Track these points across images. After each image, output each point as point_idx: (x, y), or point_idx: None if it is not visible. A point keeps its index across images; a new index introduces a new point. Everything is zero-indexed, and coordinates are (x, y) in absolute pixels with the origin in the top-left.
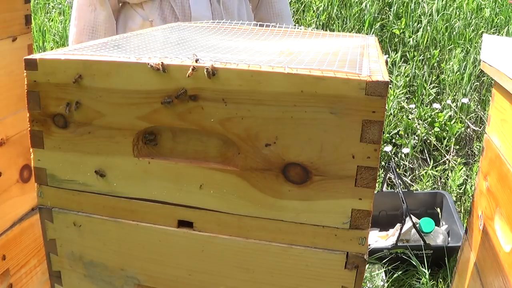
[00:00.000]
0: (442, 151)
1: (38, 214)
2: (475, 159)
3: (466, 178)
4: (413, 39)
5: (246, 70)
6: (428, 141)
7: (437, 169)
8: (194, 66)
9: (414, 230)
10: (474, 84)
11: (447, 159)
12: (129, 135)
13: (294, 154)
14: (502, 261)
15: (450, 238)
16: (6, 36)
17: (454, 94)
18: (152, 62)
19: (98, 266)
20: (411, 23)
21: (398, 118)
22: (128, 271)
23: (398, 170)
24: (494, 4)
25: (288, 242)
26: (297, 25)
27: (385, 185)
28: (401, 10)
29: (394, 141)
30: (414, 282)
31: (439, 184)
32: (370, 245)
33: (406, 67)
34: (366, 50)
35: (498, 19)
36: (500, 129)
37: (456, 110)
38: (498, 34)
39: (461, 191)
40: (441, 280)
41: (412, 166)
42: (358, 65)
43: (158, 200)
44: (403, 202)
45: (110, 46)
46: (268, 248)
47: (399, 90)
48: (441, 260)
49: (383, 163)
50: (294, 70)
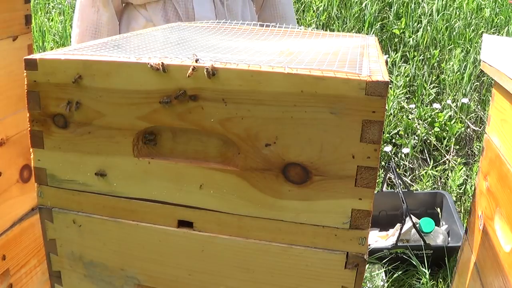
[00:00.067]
0: (442, 151)
1: (38, 214)
2: (475, 159)
3: (466, 178)
4: (413, 39)
5: (246, 70)
6: (428, 141)
7: (437, 169)
8: (194, 66)
9: (414, 230)
10: (474, 84)
11: (447, 159)
12: (129, 135)
13: (294, 154)
14: (502, 261)
15: (450, 238)
16: (6, 36)
17: (454, 94)
18: (152, 62)
19: (98, 266)
20: (411, 23)
21: (398, 118)
22: (128, 271)
23: (398, 170)
24: (494, 4)
25: (288, 242)
26: (297, 25)
27: (385, 185)
28: (401, 10)
29: (394, 141)
30: (414, 282)
31: (439, 184)
32: (370, 245)
33: (406, 67)
34: (366, 50)
35: (498, 19)
36: (500, 129)
37: (456, 110)
38: (498, 34)
39: (461, 191)
40: (441, 280)
41: (412, 166)
42: (358, 65)
43: (158, 200)
44: (403, 202)
45: (110, 46)
46: (268, 248)
47: (399, 90)
48: (441, 260)
49: (383, 163)
50: (294, 70)
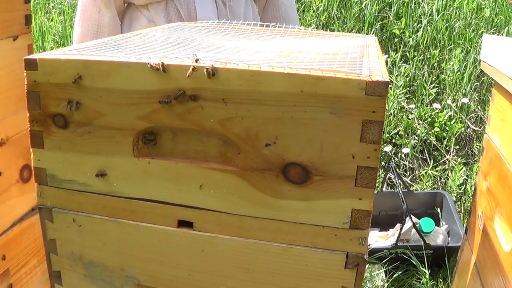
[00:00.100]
0: (442, 151)
1: (38, 214)
2: (475, 159)
3: (466, 178)
4: (413, 39)
5: (246, 70)
6: (428, 141)
7: (437, 169)
8: (194, 66)
9: (414, 230)
10: (474, 84)
11: (447, 159)
12: (129, 135)
13: (294, 154)
14: (502, 261)
15: (450, 238)
16: (6, 36)
17: (454, 94)
18: (152, 62)
19: (98, 266)
20: (411, 23)
21: (398, 118)
22: (128, 271)
23: (398, 170)
24: (494, 4)
25: (288, 242)
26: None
27: (385, 185)
28: (401, 10)
29: (394, 141)
30: (414, 282)
31: (439, 184)
32: (370, 245)
33: (406, 67)
34: (366, 50)
35: (498, 19)
36: (500, 129)
37: (456, 110)
38: (498, 34)
39: (461, 191)
40: (441, 280)
41: (412, 166)
42: (358, 65)
43: (158, 200)
44: (403, 202)
45: (110, 46)
46: (268, 248)
47: (399, 90)
48: (441, 260)
49: (383, 163)
50: (294, 70)
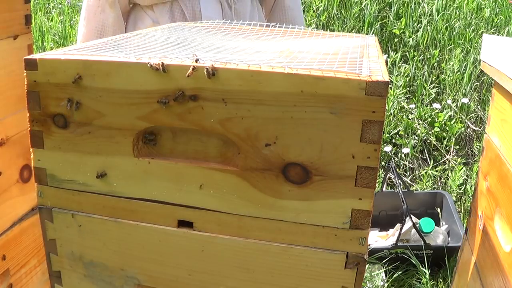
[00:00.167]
0: (442, 151)
1: (38, 214)
2: (475, 159)
3: (466, 178)
4: (413, 39)
5: (246, 70)
6: (428, 141)
7: (437, 169)
8: (194, 66)
9: (414, 230)
10: (474, 84)
11: (447, 159)
12: (129, 135)
13: (294, 154)
14: (502, 261)
15: (450, 238)
16: (6, 36)
17: (454, 94)
18: (152, 62)
19: (98, 266)
20: (411, 23)
21: (398, 118)
22: (128, 271)
23: (398, 170)
24: (494, 4)
25: (288, 242)
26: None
27: (385, 185)
28: (401, 10)
29: (394, 141)
30: (414, 282)
31: (439, 184)
32: (370, 245)
33: (406, 67)
34: (366, 50)
35: (498, 19)
36: (500, 129)
37: (456, 110)
38: (498, 34)
39: (461, 191)
40: (441, 280)
41: (412, 166)
42: (358, 65)
43: (158, 200)
44: (403, 202)
45: (110, 46)
46: (268, 248)
47: (399, 90)
48: (441, 260)
49: (383, 163)
50: (294, 70)
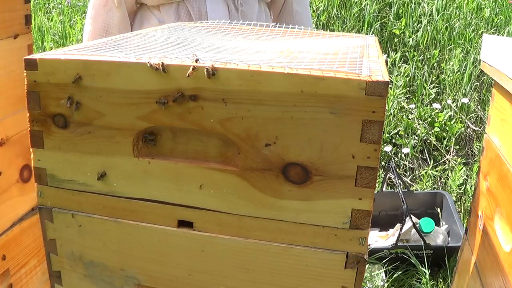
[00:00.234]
0: (442, 151)
1: (38, 214)
2: (475, 159)
3: (466, 178)
4: (413, 39)
5: (246, 70)
6: (428, 141)
7: (437, 169)
8: (194, 66)
9: (414, 230)
10: (474, 84)
11: (447, 159)
12: (129, 135)
13: (294, 154)
14: (502, 261)
15: (450, 238)
16: (6, 36)
17: (454, 94)
18: (152, 62)
19: (98, 266)
20: (411, 23)
21: (398, 118)
22: (128, 271)
23: (398, 170)
24: (494, 4)
25: (288, 242)
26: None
27: (385, 185)
28: (401, 10)
29: (394, 141)
30: (414, 282)
31: (439, 184)
32: (370, 245)
33: (406, 67)
34: (366, 50)
35: (498, 19)
36: (500, 129)
37: (456, 110)
38: (498, 34)
39: (461, 191)
40: (441, 280)
41: (412, 166)
42: (358, 65)
43: (158, 200)
44: (403, 202)
45: (110, 46)
46: (268, 248)
47: (399, 90)
48: (441, 260)
49: (383, 163)
50: (294, 70)
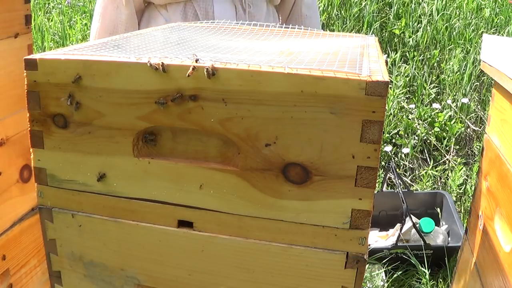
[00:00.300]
0: (442, 151)
1: (38, 214)
2: (475, 159)
3: (466, 178)
4: (413, 39)
5: (246, 70)
6: (428, 141)
7: (437, 169)
8: (194, 66)
9: (414, 230)
10: (474, 84)
11: (447, 159)
12: (129, 135)
13: (294, 154)
14: (502, 261)
15: (450, 238)
16: (6, 36)
17: (454, 94)
18: (152, 62)
19: (98, 266)
20: (411, 23)
21: (398, 118)
22: (128, 271)
23: (398, 170)
24: (494, 4)
25: (288, 242)
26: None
27: (385, 185)
28: (401, 10)
29: (394, 141)
30: (414, 282)
31: (439, 184)
32: (370, 245)
33: (406, 67)
34: (366, 50)
35: (498, 19)
36: (500, 129)
37: (456, 110)
38: (498, 34)
39: (461, 191)
40: (441, 280)
41: (412, 166)
42: (358, 65)
43: (158, 200)
44: (403, 202)
45: (110, 46)
46: (268, 248)
47: (399, 90)
48: (441, 260)
49: (383, 163)
50: (294, 70)
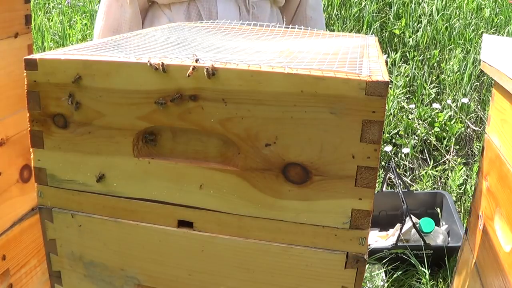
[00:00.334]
0: (442, 151)
1: (38, 214)
2: (475, 159)
3: (466, 178)
4: (413, 39)
5: (246, 70)
6: (428, 141)
7: (437, 169)
8: (194, 66)
9: (414, 230)
10: (474, 84)
11: (447, 159)
12: (129, 135)
13: (294, 154)
14: (502, 261)
15: (450, 238)
16: (6, 36)
17: (454, 94)
18: (152, 62)
19: (98, 266)
20: (411, 23)
21: (398, 118)
22: (128, 271)
23: (398, 170)
24: (494, 4)
25: (288, 242)
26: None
27: (385, 185)
28: (401, 10)
29: (394, 141)
30: (414, 282)
31: (439, 184)
32: (370, 245)
33: (406, 67)
34: (366, 50)
35: (498, 19)
36: (500, 129)
37: (456, 110)
38: (498, 34)
39: (461, 191)
40: (441, 280)
41: (412, 166)
42: (358, 65)
43: (158, 200)
44: (403, 202)
45: (110, 46)
46: (268, 248)
47: (399, 90)
48: (441, 260)
49: (383, 163)
50: (294, 70)
